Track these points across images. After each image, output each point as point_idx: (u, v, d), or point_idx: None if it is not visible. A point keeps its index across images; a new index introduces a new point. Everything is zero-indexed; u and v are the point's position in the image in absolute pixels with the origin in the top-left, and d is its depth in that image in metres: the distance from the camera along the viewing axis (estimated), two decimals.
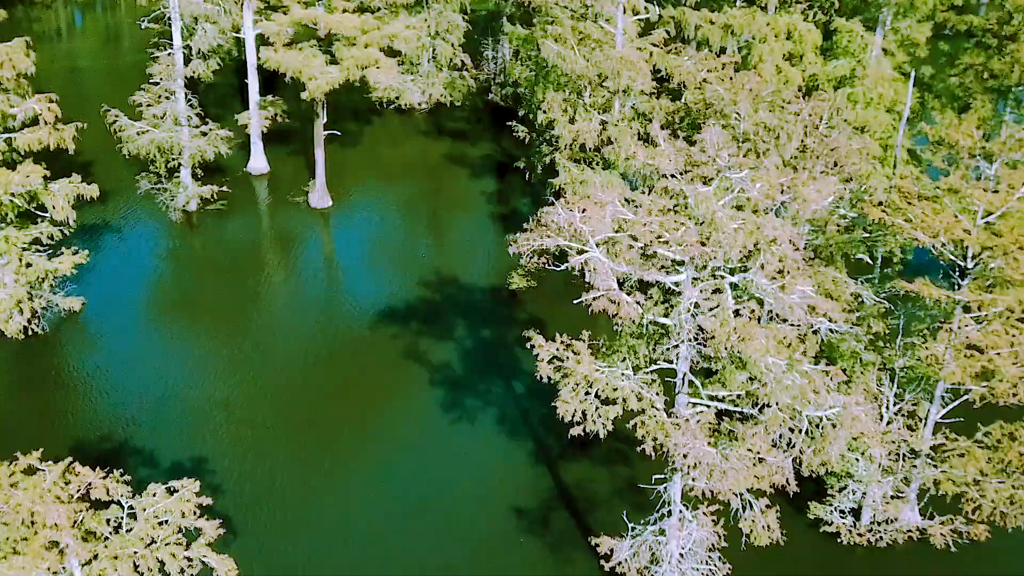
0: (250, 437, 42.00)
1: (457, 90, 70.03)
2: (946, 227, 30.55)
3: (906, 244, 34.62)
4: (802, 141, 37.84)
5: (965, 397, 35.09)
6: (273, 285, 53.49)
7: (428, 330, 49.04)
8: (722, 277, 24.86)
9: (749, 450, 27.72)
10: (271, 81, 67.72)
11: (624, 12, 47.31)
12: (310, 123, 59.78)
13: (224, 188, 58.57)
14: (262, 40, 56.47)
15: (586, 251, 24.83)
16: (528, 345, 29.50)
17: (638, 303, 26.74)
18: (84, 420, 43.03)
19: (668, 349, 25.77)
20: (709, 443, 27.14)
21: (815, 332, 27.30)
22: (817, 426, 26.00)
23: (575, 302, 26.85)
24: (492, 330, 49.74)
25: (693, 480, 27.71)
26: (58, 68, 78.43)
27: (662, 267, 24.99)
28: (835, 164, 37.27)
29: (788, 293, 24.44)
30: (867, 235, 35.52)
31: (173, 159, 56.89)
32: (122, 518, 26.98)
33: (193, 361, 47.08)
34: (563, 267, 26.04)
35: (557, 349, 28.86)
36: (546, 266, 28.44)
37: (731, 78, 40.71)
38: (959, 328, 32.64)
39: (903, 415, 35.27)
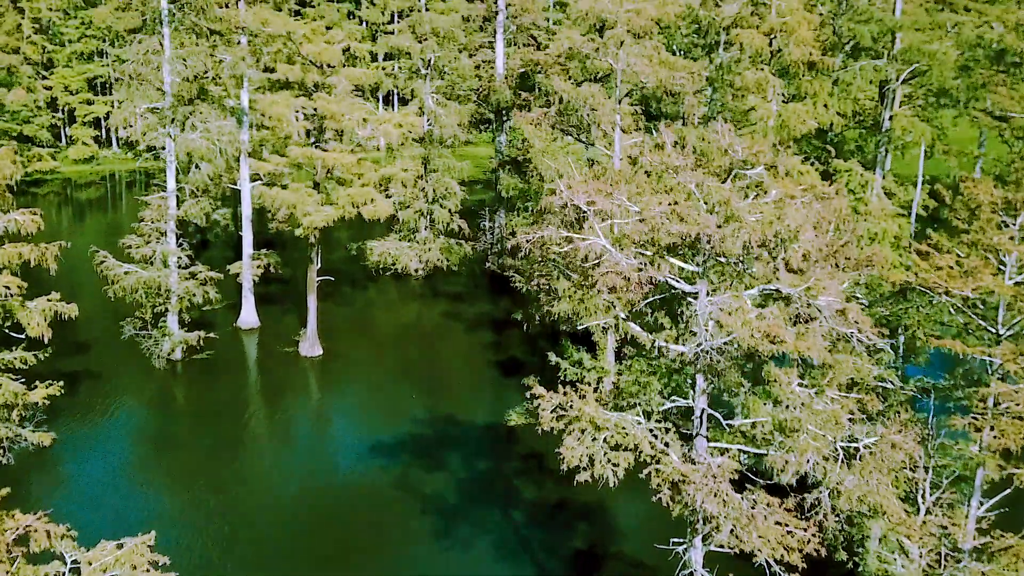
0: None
1: (454, 254, 69.35)
2: (974, 272, 28.55)
3: (931, 316, 32.46)
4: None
5: (1008, 491, 32.17)
6: (256, 430, 50.56)
7: (419, 463, 45.94)
8: (737, 278, 22.67)
9: (779, 523, 24.70)
10: (268, 243, 67.59)
11: (621, 134, 46.94)
12: (303, 281, 58.71)
13: (211, 335, 56.73)
14: (257, 179, 56.17)
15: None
16: (529, 394, 27.04)
17: (651, 332, 24.40)
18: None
19: (684, 353, 23.15)
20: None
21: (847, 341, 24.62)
22: (854, 456, 23.06)
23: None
24: (488, 462, 46.58)
25: (716, 532, 24.41)
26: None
27: (672, 266, 22.86)
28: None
29: (814, 297, 22.17)
30: (887, 315, 33.39)
31: (160, 304, 55.29)
32: (64, 573, 23.49)
33: (162, 503, 43.48)
34: (567, 248, 23.88)
35: (562, 395, 26.35)
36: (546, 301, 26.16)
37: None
38: (996, 401, 30.08)
39: (942, 506, 31.99)
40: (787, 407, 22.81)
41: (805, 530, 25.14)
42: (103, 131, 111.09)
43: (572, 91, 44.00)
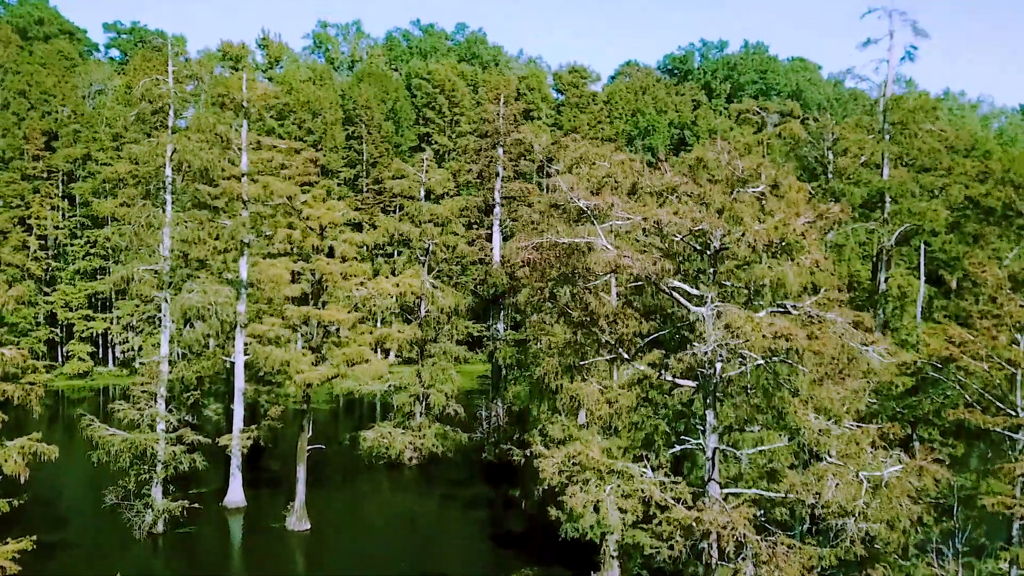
0: None
1: (450, 440, 67.64)
2: (994, 346, 27.67)
3: (947, 404, 31.13)
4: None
5: None
6: None
7: None
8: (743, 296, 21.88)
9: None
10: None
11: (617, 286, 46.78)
12: (292, 461, 57.00)
13: (196, 505, 54.41)
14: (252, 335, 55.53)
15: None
16: (529, 452, 25.52)
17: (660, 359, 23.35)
18: None
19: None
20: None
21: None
22: (880, 485, 21.44)
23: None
24: None
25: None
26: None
27: (676, 282, 22.06)
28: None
29: (826, 310, 21.34)
30: (901, 411, 32.13)
31: (144, 472, 53.34)
32: None
33: None
34: (566, 241, 22.97)
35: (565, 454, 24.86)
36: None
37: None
38: None
39: None
40: (805, 433, 21.41)
41: None
42: (100, 348, 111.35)
43: (569, 231, 44.19)
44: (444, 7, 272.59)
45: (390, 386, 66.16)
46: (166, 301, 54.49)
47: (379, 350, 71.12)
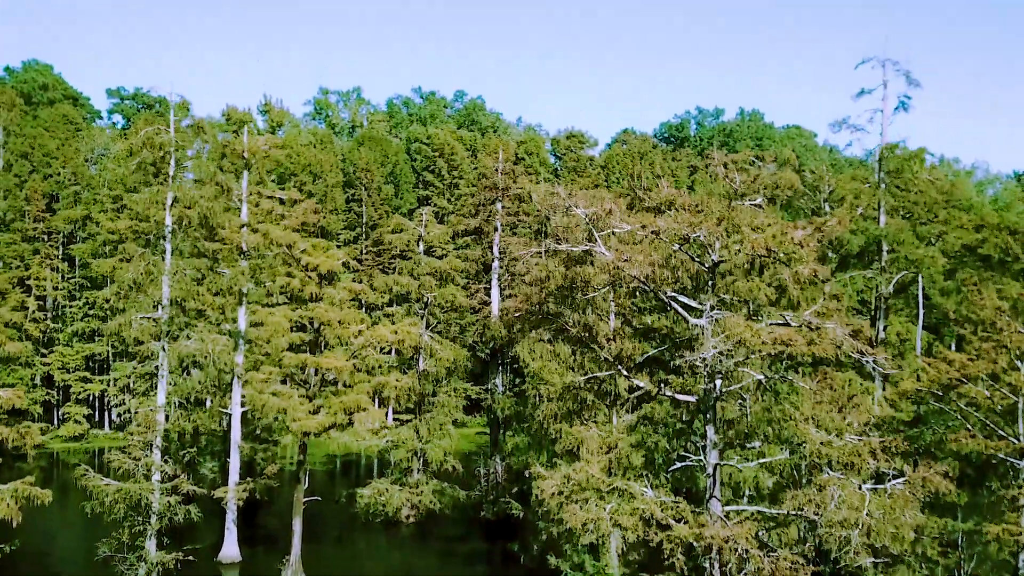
0: None
1: (447, 496, 66.81)
2: (994, 371, 27.52)
3: (951, 430, 30.77)
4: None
5: None
6: None
7: None
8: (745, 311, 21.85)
9: None
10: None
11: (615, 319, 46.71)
12: (288, 512, 56.38)
13: (190, 558, 53.57)
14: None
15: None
16: (527, 473, 25.26)
17: (660, 383, 23.23)
18: None
19: (692, 402, 21.69)
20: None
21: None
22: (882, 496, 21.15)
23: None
24: None
25: None
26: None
27: (677, 293, 22.01)
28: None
29: (825, 319, 21.29)
30: (908, 440, 31.81)
31: (138, 524, 52.60)
32: None
33: None
34: (565, 248, 22.90)
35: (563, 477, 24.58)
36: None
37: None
38: None
39: None
40: (806, 446, 21.21)
41: None
42: (96, 411, 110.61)
43: (563, 272, 44.25)
44: (444, 75, 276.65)
45: (387, 442, 65.62)
46: (163, 350, 54.26)
47: (377, 405, 70.68)
